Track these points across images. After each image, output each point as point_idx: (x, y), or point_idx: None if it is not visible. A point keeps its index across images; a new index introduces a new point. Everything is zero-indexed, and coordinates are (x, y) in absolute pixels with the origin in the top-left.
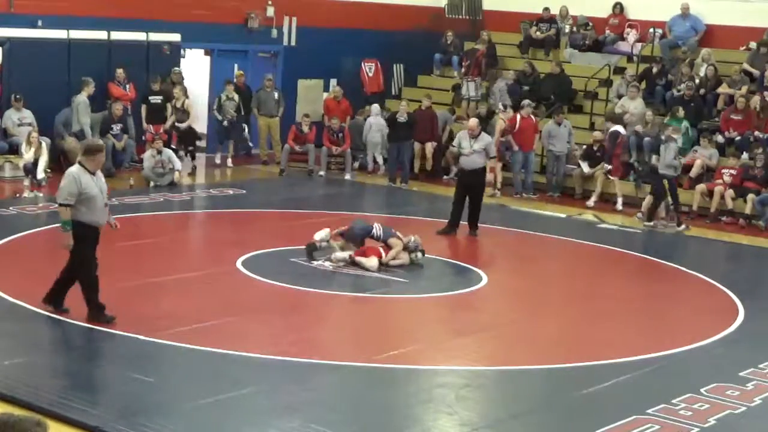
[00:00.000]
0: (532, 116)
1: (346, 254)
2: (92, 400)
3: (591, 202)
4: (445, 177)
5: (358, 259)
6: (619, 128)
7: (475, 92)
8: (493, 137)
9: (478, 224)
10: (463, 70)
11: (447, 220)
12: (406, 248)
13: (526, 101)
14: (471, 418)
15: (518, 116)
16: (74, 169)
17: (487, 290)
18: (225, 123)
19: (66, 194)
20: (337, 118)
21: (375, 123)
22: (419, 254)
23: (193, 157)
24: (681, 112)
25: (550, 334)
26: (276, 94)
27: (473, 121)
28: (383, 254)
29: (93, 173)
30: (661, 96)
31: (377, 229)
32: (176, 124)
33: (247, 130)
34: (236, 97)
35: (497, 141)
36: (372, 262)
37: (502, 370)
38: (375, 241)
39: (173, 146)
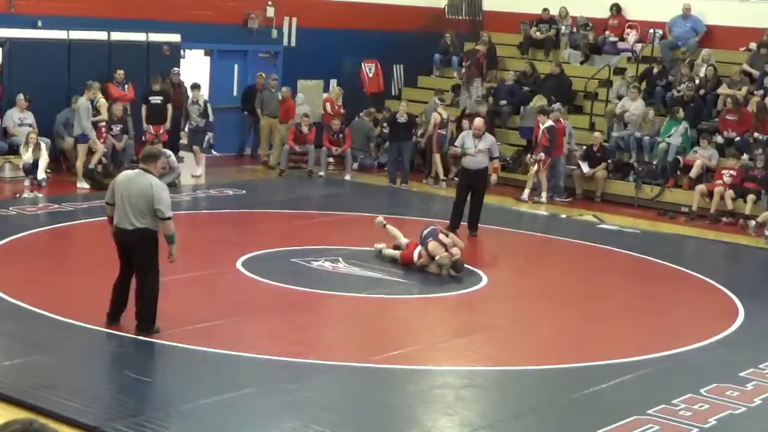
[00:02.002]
0: (562, 120)
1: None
2: (92, 400)
3: (525, 195)
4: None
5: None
6: (551, 122)
7: (476, 93)
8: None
9: (478, 224)
10: (463, 70)
11: (447, 221)
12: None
13: (556, 105)
14: (471, 418)
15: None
16: (157, 180)
17: (487, 290)
18: (189, 128)
19: (170, 206)
20: (337, 118)
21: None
22: (451, 272)
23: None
24: (681, 113)
25: (550, 335)
26: (280, 95)
27: (479, 121)
28: (415, 258)
29: None
30: (661, 96)
31: (426, 232)
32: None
33: (210, 136)
34: (201, 100)
35: (435, 133)
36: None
37: (502, 370)
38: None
39: None
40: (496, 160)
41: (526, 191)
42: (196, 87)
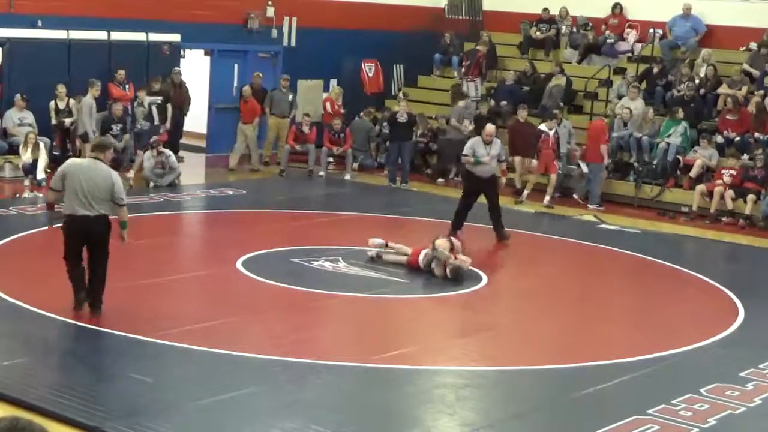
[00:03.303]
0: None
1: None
2: (92, 400)
3: (524, 197)
4: (440, 180)
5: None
6: (543, 126)
7: (475, 93)
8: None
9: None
10: (463, 70)
11: (448, 221)
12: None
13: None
14: (471, 418)
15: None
16: (111, 168)
17: (486, 290)
18: (134, 131)
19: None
20: (338, 118)
21: None
22: (449, 275)
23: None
24: (680, 113)
25: (550, 335)
26: (290, 96)
27: (490, 127)
28: (421, 257)
29: None
30: (661, 96)
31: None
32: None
33: (155, 140)
34: (146, 102)
35: None
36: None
37: (502, 370)
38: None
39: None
40: (503, 163)
41: (526, 192)
42: (141, 88)
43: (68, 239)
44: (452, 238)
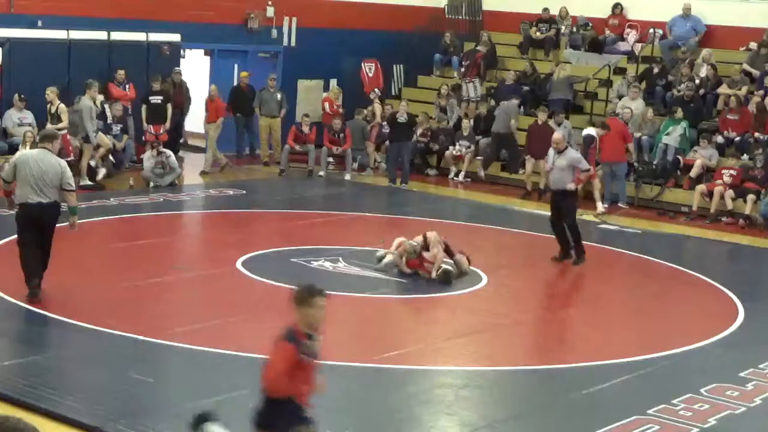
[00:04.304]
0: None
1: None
2: (92, 400)
3: (601, 208)
4: (429, 174)
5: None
6: (591, 131)
7: (475, 93)
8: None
9: (572, 251)
10: (462, 70)
11: (450, 221)
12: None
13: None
14: (471, 418)
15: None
16: (59, 157)
17: (486, 290)
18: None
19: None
20: (338, 118)
21: None
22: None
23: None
24: (680, 113)
25: (550, 335)
26: (279, 95)
27: (556, 135)
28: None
29: None
30: (661, 96)
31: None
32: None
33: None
34: (98, 101)
35: (377, 125)
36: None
37: (502, 370)
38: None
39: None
40: (585, 173)
41: (599, 203)
42: (89, 86)
43: (24, 226)
44: (427, 233)
